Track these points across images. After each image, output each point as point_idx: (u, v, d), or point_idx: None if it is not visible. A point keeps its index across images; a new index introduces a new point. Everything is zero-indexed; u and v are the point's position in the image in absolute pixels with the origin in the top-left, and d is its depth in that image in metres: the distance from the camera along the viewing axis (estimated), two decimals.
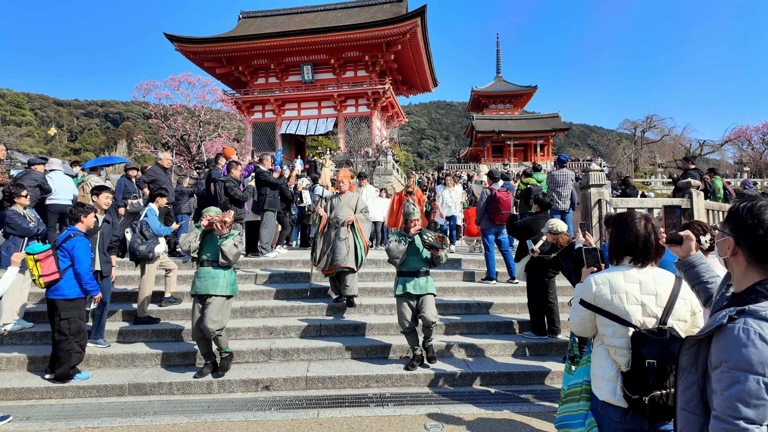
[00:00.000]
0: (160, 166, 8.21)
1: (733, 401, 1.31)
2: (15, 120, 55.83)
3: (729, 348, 1.34)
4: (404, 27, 30.55)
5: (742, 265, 1.49)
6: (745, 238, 1.46)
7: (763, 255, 1.43)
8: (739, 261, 1.49)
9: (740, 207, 1.50)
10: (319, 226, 6.47)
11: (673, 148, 38.46)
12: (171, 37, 33.30)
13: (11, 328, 5.56)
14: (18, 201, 5.90)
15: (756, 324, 1.33)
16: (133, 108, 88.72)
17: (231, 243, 4.84)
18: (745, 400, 1.29)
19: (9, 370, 5.07)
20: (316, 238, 6.46)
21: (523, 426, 3.90)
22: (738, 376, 1.31)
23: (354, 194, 6.65)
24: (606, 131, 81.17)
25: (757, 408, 1.29)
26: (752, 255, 1.45)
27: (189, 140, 24.95)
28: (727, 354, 1.35)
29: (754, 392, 1.29)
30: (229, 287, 4.85)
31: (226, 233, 4.85)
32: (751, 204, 1.47)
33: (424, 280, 5.02)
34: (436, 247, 4.85)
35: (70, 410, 4.33)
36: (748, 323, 1.33)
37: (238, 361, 5.23)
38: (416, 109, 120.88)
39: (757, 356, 1.29)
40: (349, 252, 6.16)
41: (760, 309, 1.35)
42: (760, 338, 1.30)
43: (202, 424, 3.93)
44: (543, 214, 6.00)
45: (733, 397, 1.31)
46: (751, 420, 1.29)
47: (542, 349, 5.57)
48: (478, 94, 62.49)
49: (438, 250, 4.87)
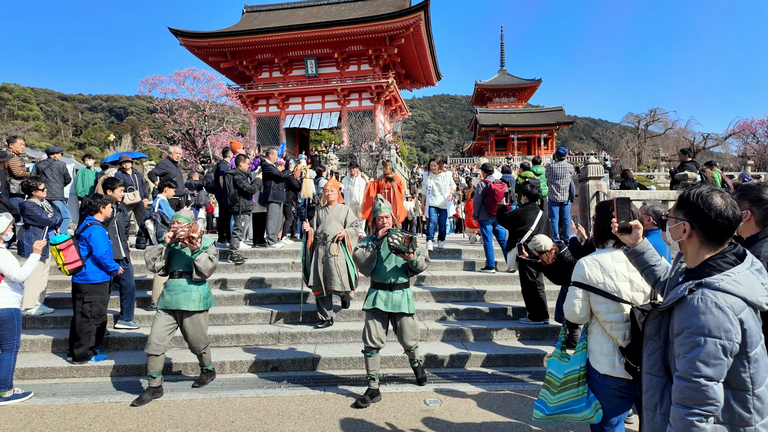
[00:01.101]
0: (170, 159, 8.49)
1: (694, 362, 1.50)
2: (22, 114, 56.27)
3: (690, 316, 1.55)
4: (407, 21, 30.62)
5: (696, 245, 1.70)
6: (699, 221, 1.67)
7: (714, 234, 1.66)
8: (693, 242, 1.71)
9: (691, 194, 1.70)
10: (307, 245, 5.91)
11: (677, 141, 38.37)
12: (175, 32, 33.51)
13: (34, 313, 5.87)
14: (35, 194, 6.19)
15: (712, 294, 1.53)
16: (137, 102, 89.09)
17: (205, 257, 4.40)
18: (705, 360, 1.48)
19: (33, 351, 5.37)
20: (305, 256, 5.94)
21: (518, 401, 4.16)
22: (698, 340, 1.50)
23: (343, 207, 5.98)
24: (610, 125, 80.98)
25: (715, 367, 1.48)
26: (705, 235, 1.67)
27: (194, 134, 25.25)
28: (688, 321, 1.55)
29: (712, 353, 1.48)
30: (203, 301, 4.47)
31: (197, 247, 4.41)
32: (700, 191, 1.69)
33: (400, 294, 4.19)
34: (402, 250, 3.97)
35: (92, 388, 4.63)
36: (705, 294, 1.55)
37: (248, 344, 5.52)
38: (420, 103, 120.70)
39: (714, 322, 1.48)
40: (341, 272, 5.66)
41: (714, 281, 1.57)
42: (716, 306, 1.51)
43: (217, 400, 4.21)
44: (531, 205, 6.21)
45: (695, 359, 1.50)
46: (710, 377, 1.48)
47: (537, 333, 5.83)
48: (481, 88, 62.41)
49: (405, 254, 3.99)
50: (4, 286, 4.19)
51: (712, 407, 1.49)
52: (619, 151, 40.86)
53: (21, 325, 4.39)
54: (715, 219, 1.63)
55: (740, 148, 37.53)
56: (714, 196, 1.65)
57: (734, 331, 1.49)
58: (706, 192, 1.67)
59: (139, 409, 4.02)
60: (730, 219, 1.62)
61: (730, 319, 1.49)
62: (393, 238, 3.98)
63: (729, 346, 1.48)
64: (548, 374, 2.85)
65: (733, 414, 1.54)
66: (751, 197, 2.30)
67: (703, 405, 1.49)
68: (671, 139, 39.22)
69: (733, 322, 1.49)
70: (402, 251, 3.97)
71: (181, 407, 4.06)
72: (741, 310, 1.52)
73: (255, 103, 36.05)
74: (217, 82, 27.60)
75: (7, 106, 56.78)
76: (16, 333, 4.28)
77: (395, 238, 3.98)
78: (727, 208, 1.63)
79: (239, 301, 6.51)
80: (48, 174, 7.73)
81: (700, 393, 1.49)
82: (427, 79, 40.46)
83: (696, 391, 1.49)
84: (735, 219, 1.63)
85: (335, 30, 31.89)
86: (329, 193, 5.92)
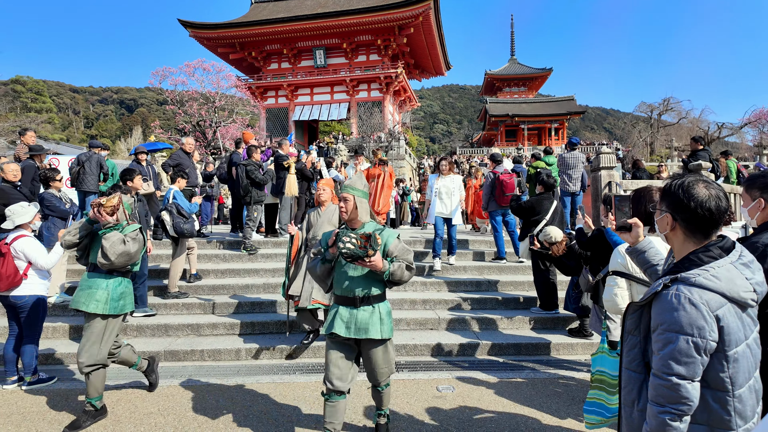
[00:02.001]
0: (183, 150, 8.59)
1: (666, 359, 1.46)
2: (36, 107, 56.96)
3: (663, 312, 1.49)
4: (417, 10, 30.38)
5: (680, 238, 1.64)
6: (680, 213, 1.60)
7: (697, 226, 1.59)
8: (678, 234, 1.64)
9: (673, 185, 1.64)
10: (291, 252, 4.92)
11: (691, 130, 37.74)
12: (185, 23, 33.59)
13: (54, 301, 6.02)
14: (53, 185, 6.32)
15: (686, 290, 1.46)
16: (147, 94, 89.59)
17: (118, 237, 3.45)
18: (677, 358, 1.43)
19: (55, 338, 5.53)
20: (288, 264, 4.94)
21: (530, 388, 4.21)
22: (670, 337, 1.45)
23: (336, 208, 4.84)
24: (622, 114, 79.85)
25: (687, 365, 1.43)
26: (688, 228, 1.60)
27: (204, 126, 25.42)
28: (661, 317, 1.49)
29: (684, 351, 1.43)
30: (109, 303, 3.49)
31: (106, 221, 3.47)
32: (682, 181, 1.62)
33: (368, 312, 2.90)
34: (358, 256, 2.67)
35: (113, 373, 4.74)
36: (679, 289, 1.48)
37: (263, 331, 5.62)
38: (429, 93, 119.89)
39: (686, 319, 1.43)
40: None
41: (690, 276, 1.49)
42: (690, 302, 1.44)
43: (234, 385, 4.32)
44: (546, 195, 6.21)
45: (667, 356, 1.45)
46: (683, 376, 1.43)
47: (549, 323, 5.86)
48: (491, 77, 61.80)
49: (364, 260, 2.69)
50: (32, 274, 4.31)
51: (684, 406, 1.44)
52: (631, 141, 40.36)
53: (46, 312, 4.53)
54: (695, 210, 1.56)
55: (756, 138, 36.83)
56: (696, 186, 1.58)
57: (708, 329, 1.43)
58: (687, 182, 1.60)
59: (159, 393, 4.14)
60: (712, 210, 1.55)
61: (704, 315, 1.43)
62: (344, 241, 2.68)
63: (702, 344, 1.42)
64: (598, 373, 2.67)
65: (712, 415, 1.48)
66: (759, 185, 2.25)
67: (676, 404, 1.45)
68: (685, 128, 38.60)
69: (707, 319, 1.43)
70: (358, 257, 2.68)
71: (199, 392, 4.17)
72: (718, 306, 1.46)
73: (264, 94, 36.12)
74: (227, 74, 27.77)
75: (20, 99, 57.45)
76: (41, 320, 4.42)
77: (347, 241, 2.67)
78: (710, 199, 1.55)
79: (252, 290, 6.61)
80: (86, 166, 7.86)
81: (673, 391, 1.45)
82: (437, 69, 40.19)
83: (669, 389, 1.45)
84: (718, 210, 1.56)
85: (344, 20, 31.74)
86: (321, 192, 5.02)
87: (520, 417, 3.67)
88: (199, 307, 6.10)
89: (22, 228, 4.40)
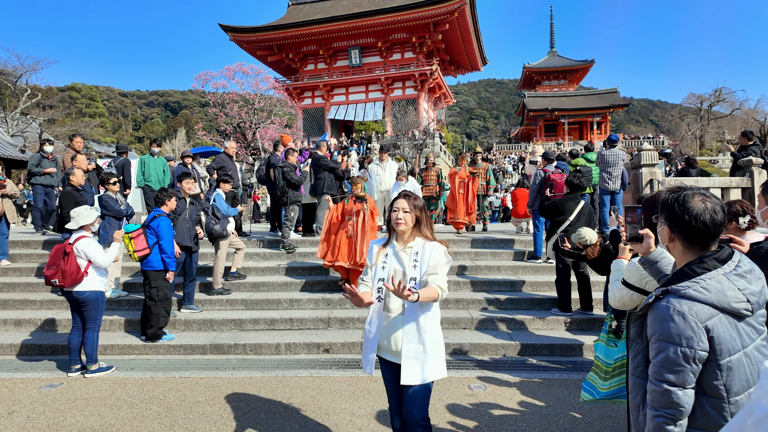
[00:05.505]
0: (226, 153, 8.98)
1: (659, 367, 1.54)
2: (89, 112, 60.45)
3: (656, 322, 1.57)
4: (452, 6, 30.09)
5: (680, 249, 1.68)
6: (677, 226, 1.64)
7: (694, 239, 1.62)
8: (677, 246, 1.69)
9: (669, 198, 1.67)
10: None
11: (745, 122, 35.53)
12: (225, 28, 34.70)
13: (110, 296, 6.49)
14: (109, 188, 6.80)
15: (676, 302, 1.53)
16: (189, 97, 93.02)
17: None
18: (667, 366, 1.51)
19: (111, 330, 5.97)
20: None
21: (563, 389, 4.22)
22: (662, 346, 1.53)
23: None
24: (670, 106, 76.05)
25: (677, 373, 1.50)
26: (685, 240, 1.64)
27: (245, 127, 26.25)
28: (654, 327, 1.58)
29: (673, 360, 1.50)
30: None
31: None
32: (677, 194, 1.65)
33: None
34: None
35: (164, 364, 5.12)
36: (669, 301, 1.54)
37: (301, 327, 5.86)
38: (464, 89, 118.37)
39: (675, 329, 1.50)
40: None
41: (680, 288, 1.55)
42: (678, 314, 1.50)
43: (274, 378, 4.56)
44: (572, 195, 6.09)
45: (659, 364, 1.54)
46: (673, 383, 1.51)
47: (584, 324, 5.79)
48: (530, 71, 60.41)
49: None
50: (91, 271, 4.70)
51: (676, 411, 1.51)
52: (679, 134, 38.44)
53: (104, 306, 4.92)
54: (690, 223, 1.59)
55: None
56: (691, 200, 1.61)
57: (696, 339, 1.48)
58: (683, 195, 1.63)
59: (206, 384, 4.43)
60: (707, 224, 1.57)
61: (692, 326, 1.48)
62: None
63: (691, 354, 1.48)
64: (596, 358, 2.86)
65: (710, 420, 1.53)
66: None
67: (668, 408, 1.52)
68: (738, 120, 36.39)
69: (696, 330, 1.48)
70: None
71: (242, 383, 4.43)
72: (708, 317, 1.50)
73: (301, 95, 36.82)
74: (265, 76, 28.49)
75: (76, 105, 61.13)
76: (100, 313, 4.81)
77: None
78: (705, 213, 1.58)
79: (291, 287, 6.88)
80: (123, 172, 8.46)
81: (665, 397, 1.52)
82: (472, 65, 39.67)
83: (661, 395, 1.53)
84: (713, 224, 1.58)
85: (379, 18, 31.86)
86: None
87: (551, 417, 3.70)
88: (241, 303, 6.41)
89: (83, 229, 4.80)
